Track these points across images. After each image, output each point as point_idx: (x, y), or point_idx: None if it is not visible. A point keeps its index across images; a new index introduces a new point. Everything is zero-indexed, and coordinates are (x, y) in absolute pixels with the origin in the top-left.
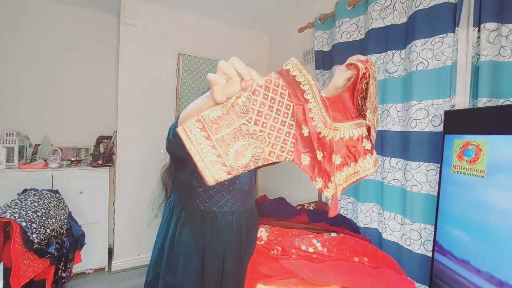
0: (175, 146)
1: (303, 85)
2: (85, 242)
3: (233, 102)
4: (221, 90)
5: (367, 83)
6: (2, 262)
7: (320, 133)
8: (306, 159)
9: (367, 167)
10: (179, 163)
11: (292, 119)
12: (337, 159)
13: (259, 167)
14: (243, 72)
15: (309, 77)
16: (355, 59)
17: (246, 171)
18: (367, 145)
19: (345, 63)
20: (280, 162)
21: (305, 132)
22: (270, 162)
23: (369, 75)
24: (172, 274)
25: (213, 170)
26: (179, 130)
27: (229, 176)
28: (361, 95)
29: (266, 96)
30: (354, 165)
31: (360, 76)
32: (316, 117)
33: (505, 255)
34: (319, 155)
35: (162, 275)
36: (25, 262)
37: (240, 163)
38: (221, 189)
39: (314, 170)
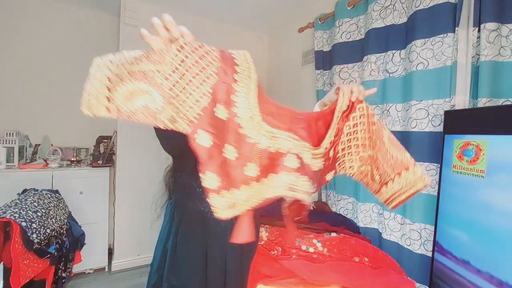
0: (163, 142)
1: (239, 68)
2: (85, 242)
3: (151, 49)
4: (155, 42)
5: (353, 126)
6: (2, 262)
7: (240, 126)
8: (205, 140)
9: (300, 186)
10: (180, 164)
11: (209, 90)
12: (251, 169)
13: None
14: (173, 29)
15: (253, 70)
16: (347, 91)
17: (132, 119)
18: (292, 163)
19: (336, 87)
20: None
21: (221, 114)
22: (165, 126)
23: (354, 117)
24: (175, 275)
25: (94, 100)
26: (94, 62)
27: (108, 115)
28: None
29: (189, 56)
30: (275, 178)
31: (338, 109)
32: (240, 104)
33: (505, 255)
34: (230, 152)
35: (165, 277)
36: (25, 262)
37: (128, 107)
38: None
39: (211, 161)
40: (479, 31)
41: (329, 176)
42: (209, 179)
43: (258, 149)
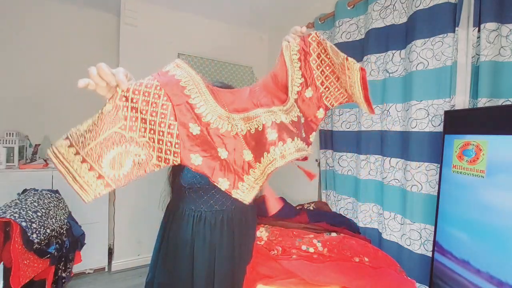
0: None
1: (184, 82)
2: (85, 242)
3: (99, 112)
4: (102, 91)
5: (318, 57)
6: (2, 262)
7: (218, 128)
8: (197, 159)
9: (287, 152)
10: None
11: (171, 118)
12: (247, 154)
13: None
14: (107, 80)
15: (193, 74)
16: (289, 37)
17: (132, 180)
18: (271, 135)
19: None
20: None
21: (195, 130)
22: (161, 167)
23: (314, 49)
24: (165, 274)
25: (92, 186)
26: (49, 153)
27: (109, 189)
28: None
29: (136, 101)
30: (267, 155)
31: (288, 57)
32: (205, 113)
33: (505, 255)
34: (223, 153)
35: (157, 275)
36: (25, 262)
37: (121, 172)
38: (210, 188)
39: (214, 170)
40: (479, 31)
41: (320, 114)
42: (221, 183)
43: (241, 137)
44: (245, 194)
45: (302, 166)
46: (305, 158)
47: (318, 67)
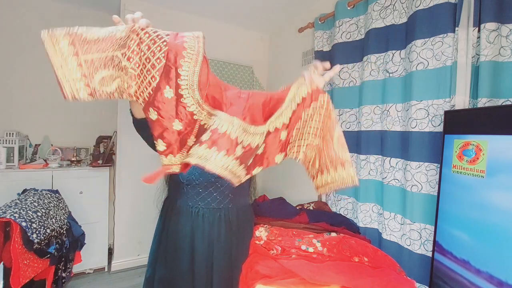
0: (139, 132)
1: (186, 51)
2: (85, 242)
3: (114, 32)
4: (121, 25)
5: (311, 114)
6: (2, 262)
7: (186, 105)
8: (153, 115)
9: (210, 159)
10: None
11: (157, 73)
12: (191, 140)
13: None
14: (133, 17)
15: (201, 52)
16: (308, 78)
17: (110, 98)
18: (205, 136)
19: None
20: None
21: (168, 94)
22: (133, 100)
23: (314, 107)
24: (165, 268)
25: (74, 87)
26: (42, 34)
27: (90, 98)
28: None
29: (143, 41)
30: (196, 148)
31: (292, 95)
32: (184, 87)
33: (505, 255)
34: (177, 125)
35: (157, 270)
36: (25, 262)
37: (105, 90)
38: (208, 185)
39: (162, 132)
40: (479, 31)
41: (278, 158)
42: (159, 144)
43: (197, 125)
44: (167, 165)
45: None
46: (232, 181)
47: (305, 122)
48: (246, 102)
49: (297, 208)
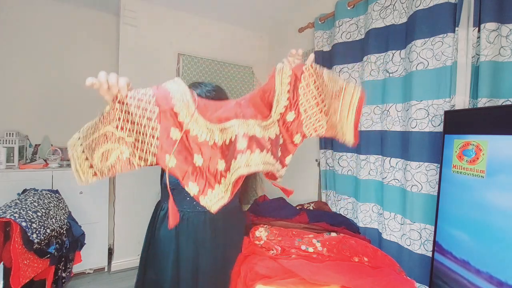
0: None
1: (173, 93)
2: (85, 242)
3: (101, 113)
4: (103, 92)
5: (307, 86)
6: (2, 262)
7: (197, 136)
8: (171, 161)
9: (253, 162)
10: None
11: (156, 121)
12: (221, 164)
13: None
14: (110, 83)
15: (184, 88)
16: (286, 61)
17: (115, 174)
18: (241, 144)
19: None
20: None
21: (175, 135)
22: (141, 166)
23: (305, 77)
24: (153, 272)
25: (86, 173)
26: (69, 146)
27: (96, 178)
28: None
29: (130, 105)
30: (234, 162)
31: (279, 78)
32: (187, 121)
33: (505, 255)
34: (198, 160)
35: (146, 272)
36: (25, 262)
37: (106, 165)
38: None
39: (186, 174)
40: (479, 31)
41: (297, 139)
42: (191, 188)
43: (217, 148)
44: (212, 202)
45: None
46: (273, 177)
47: (305, 95)
48: (250, 104)
49: (297, 208)
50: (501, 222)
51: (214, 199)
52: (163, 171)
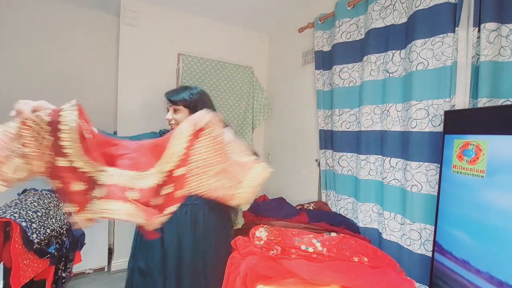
0: None
1: (64, 123)
2: (85, 242)
3: (7, 130)
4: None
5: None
6: (2, 262)
7: (77, 168)
8: (56, 183)
9: (109, 209)
10: None
11: (47, 149)
12: (97, 192)
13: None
14: (18, 109)
15: (75, 119)
16: (190, 120)
17: (22, 181)
18: (102, 192)
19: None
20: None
21: (61, 162)
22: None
23: (206, 138)
24: (142, 260)
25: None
26: None
27: (5, 188)
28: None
29: (29, 126)
30: (91, 204)
31: (178, 136)
32: (70, 153)
33: (505, 255)
34: (77, 186)
35: (136, 260)
36: (25, 262)
37: (14, 176)
38: None
39: (66, 196)
40: (479, 31)
41: (178, 194)
42: (67, 207)
43: (92, 180)
44: (79, 219)
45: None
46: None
47: (199, 155)
48: (135, 153)
49: (297, 208)
50: (501, 222)
51: (80, 219)
52: None
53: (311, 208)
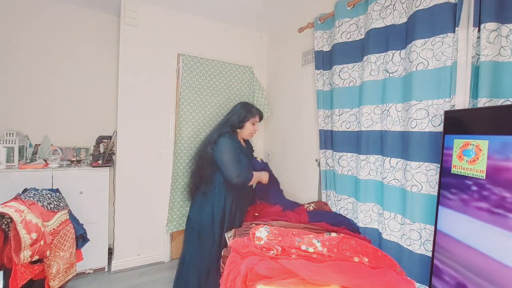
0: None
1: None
2: (88, 238)
3: None
4: None
5: None
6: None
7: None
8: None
9: None
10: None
11: None
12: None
13: None
14: None
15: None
16: None
17: None
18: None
19: None
20: None
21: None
22: None
23: None
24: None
25: None
26: None
27: None
28: None
29: None
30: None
31: None
32: (26, 211)
33: (505, 256)
34: (33, 236)
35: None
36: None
37: None
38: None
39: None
40: (479, 31)
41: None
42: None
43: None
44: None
45: None
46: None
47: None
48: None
49: (294, 202)
50: (501, 222)
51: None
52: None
53: (311, 208)
